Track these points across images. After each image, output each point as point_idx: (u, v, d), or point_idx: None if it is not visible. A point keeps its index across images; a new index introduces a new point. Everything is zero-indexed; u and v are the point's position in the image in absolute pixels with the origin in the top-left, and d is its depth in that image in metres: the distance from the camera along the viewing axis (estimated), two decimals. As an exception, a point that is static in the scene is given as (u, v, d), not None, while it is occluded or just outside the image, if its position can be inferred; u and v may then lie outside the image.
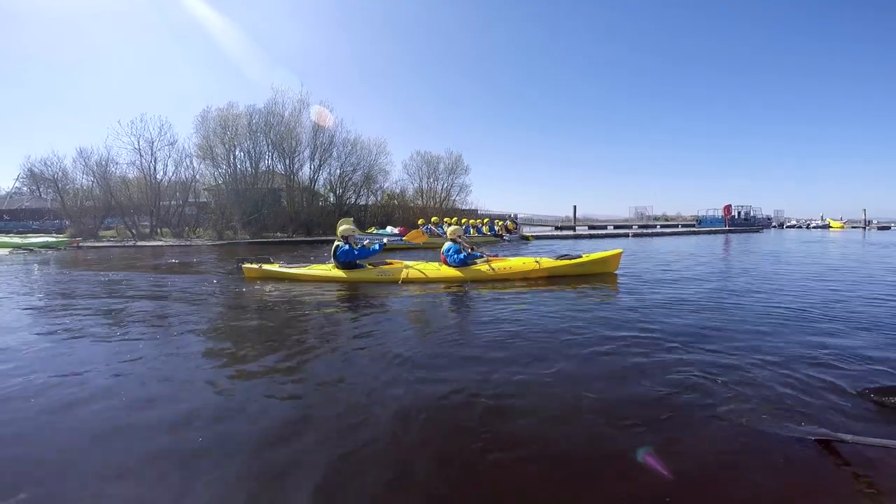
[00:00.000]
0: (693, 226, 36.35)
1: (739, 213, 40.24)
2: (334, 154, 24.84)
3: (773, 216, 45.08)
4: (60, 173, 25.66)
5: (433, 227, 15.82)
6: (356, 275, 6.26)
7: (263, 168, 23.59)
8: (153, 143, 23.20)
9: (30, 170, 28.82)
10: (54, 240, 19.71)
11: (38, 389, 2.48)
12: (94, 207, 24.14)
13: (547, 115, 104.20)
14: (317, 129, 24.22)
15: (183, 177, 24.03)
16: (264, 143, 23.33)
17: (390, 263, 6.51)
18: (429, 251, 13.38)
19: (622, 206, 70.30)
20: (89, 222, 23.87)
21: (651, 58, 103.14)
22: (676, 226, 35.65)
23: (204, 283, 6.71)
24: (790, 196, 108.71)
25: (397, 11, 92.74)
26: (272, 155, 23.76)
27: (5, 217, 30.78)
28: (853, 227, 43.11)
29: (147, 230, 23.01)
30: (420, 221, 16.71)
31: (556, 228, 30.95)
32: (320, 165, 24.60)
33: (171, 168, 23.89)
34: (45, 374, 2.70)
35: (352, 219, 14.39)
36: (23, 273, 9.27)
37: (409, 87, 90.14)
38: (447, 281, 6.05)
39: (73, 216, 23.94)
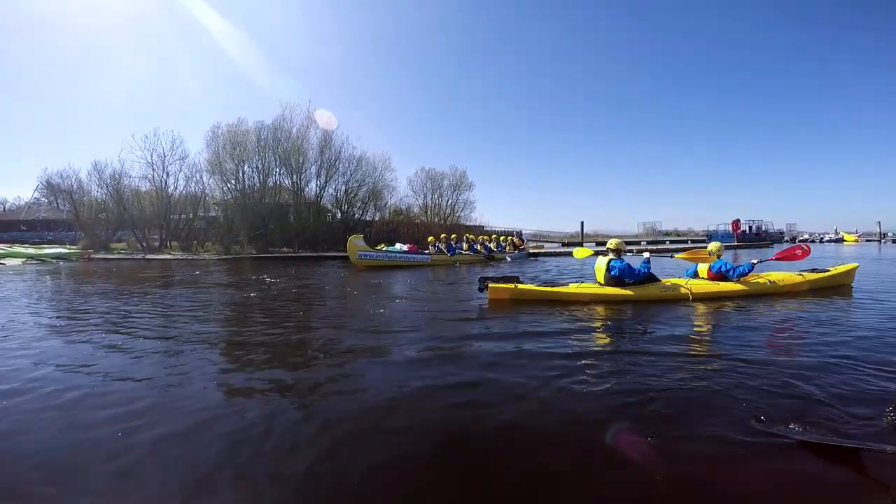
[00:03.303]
0: (704, 241, 35.86)
1: (750, 227, 39.61)
2: (340, 170, 25.21)
3: (785, 230, 44.34)
4: (76, 185, 26.39)
5: (440, 245, 15.66)
6: (644, 291, 5.71)
7: (271, 183, 23.99)
8: (165, 157, 23.82)
9: (47, 181, 29.61)
10: (66, 251, 20.21)
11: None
12: (106, 220, 24.72)
13: (554, 130, 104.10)
14: (323, 144, 24.64)
15: (193, 191, 24.56)
16: (272, 158, 23.75)
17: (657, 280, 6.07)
18: (438, 268, 13.31)
19: (631, 222, 69.46)
20: (102, 234, 24.41)
21: (655, 70, 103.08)
22: (686, 241, 35.23)
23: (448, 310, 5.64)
24: (803, 209, 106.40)
25: (400, 29, 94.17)
26: (280, 170, 24.19)
27: (22, 227, 31.66)
28: (868, 241, 42.18)
29: (157, 244, 23.45)
30: (430, 239, 16.32)
31: (563, 245, 30.81)
32: (327, 181, 24.97)
33: (181, 182, 24.47)
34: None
35: (362, 235, 14.30)
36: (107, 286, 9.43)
37: (414, 103, 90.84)
38: (732, 296, 5.89)
39: (86, 228, 24.50)
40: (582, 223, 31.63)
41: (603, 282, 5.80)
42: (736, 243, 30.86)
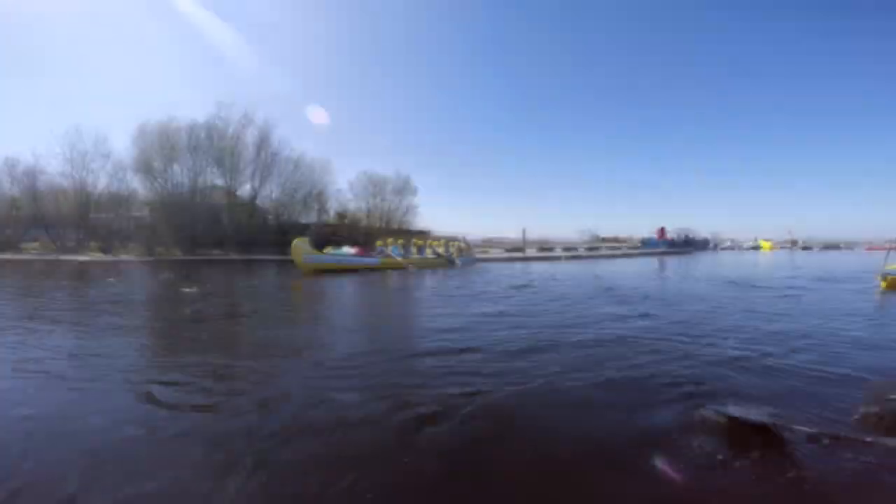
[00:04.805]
0: (638, 248, 38.28)
1: (679, 235, 42.79)
2: (277, 171, 24.84)
3: (710, 238, 48.20)
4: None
5: (386, 249, 15.49)
6: None
7: (202, 184, 23.26)
8: (86, 154, 22.59)
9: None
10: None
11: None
12: (17, 217, 23.04)
13: (496, 137, 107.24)
14: (260, 145, 24.21)
15: (117, 190, 23.40)
16: (204, 158, 23.07)
17: None
18: (389, 271, 13.07)
19: (568, 229, 72.51)
20: (10, 233, 22.70)
21: (598, 85, 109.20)
22: (620, 248, 37.44)
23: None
24: (728, 217, 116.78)
25: (349, 32, 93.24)
26: (212, 171, 23.52)
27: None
28: (781, 248, 46.71)
29: (73, 244, 22.05)
30: (378, 243, 16.01)
31: (507, 251, 31.76)
32: (262, 182, 24.53)
33: (103, 180, 23.27)
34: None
35: (307, 238, 13.57)
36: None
37: (359, 108, 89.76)
38: None
39: (-8, 226, 22.65)
40: (524, 230, 32.82)
41: None
42: (661, 251, 33.26)
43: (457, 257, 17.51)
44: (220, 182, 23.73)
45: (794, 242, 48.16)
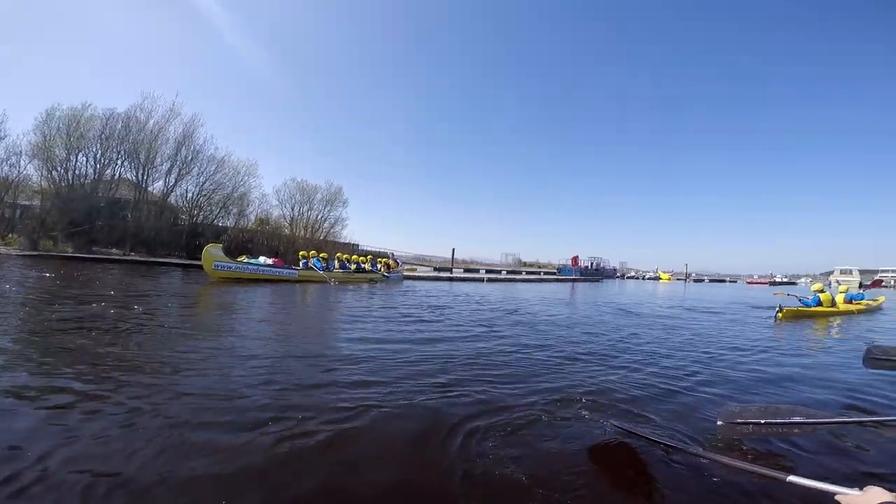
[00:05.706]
0: (554, 273, 41.46)
1: (592, 263, 47.05)
2: (196, 170, 23.78)
3: (618, 267, 53.61)
4: None
5: (308, 261, 14.85)
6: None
7: (109, 176, 21.83)
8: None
9: None
10: None
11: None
12: None
13: (427, 156, 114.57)
14: (182, 141, 23.22)
15: (6, 177, 21.15)
16: (116, 149, 21.75)
17: None
18: (308, 284, 12.65)
19: (495, 251, 77.53)
20: None
21: (534, 112, 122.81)
22: (539, 273, 40.30)
23: None
24: (634, 248, 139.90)
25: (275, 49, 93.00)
26: (123, 163, 22.17)
27: None
28: (678, 279, 53.05)
29: (-63, 231, 19.49)
30: (301, 254, 15.22)
31: (435, 269, 32.89)
32: (178, 180, 23.39)
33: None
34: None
35: (221, 245, 13.07)
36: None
37: (291, 114, 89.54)
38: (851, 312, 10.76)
39: None
40: (453, 250, 34.37)
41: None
42: (573, 278, 36.41)
43: (383, 273, 17.34)
44: (130, 175, 22.41)
45: (688, 275, 55.09)
